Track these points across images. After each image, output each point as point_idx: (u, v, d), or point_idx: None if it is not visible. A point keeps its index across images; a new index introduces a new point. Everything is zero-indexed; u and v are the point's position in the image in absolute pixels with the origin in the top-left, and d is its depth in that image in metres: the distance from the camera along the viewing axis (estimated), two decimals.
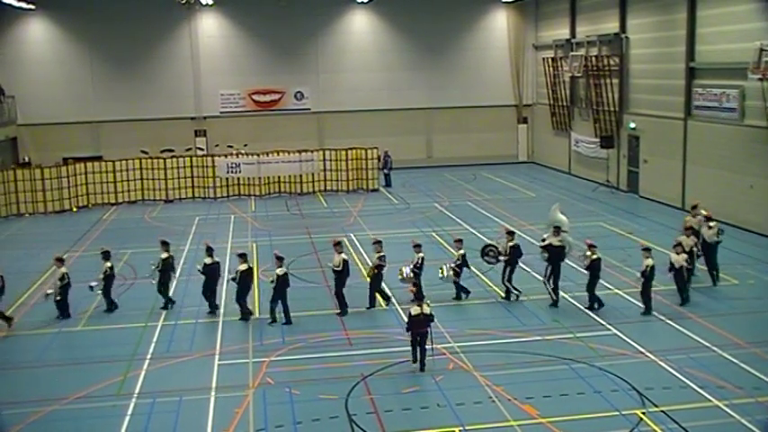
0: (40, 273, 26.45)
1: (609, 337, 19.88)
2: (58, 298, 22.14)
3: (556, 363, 18.36)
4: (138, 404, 16.79)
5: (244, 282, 21.90)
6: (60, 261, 22.61)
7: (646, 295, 21.59)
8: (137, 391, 17.49)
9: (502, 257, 23.09)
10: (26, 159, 46.22)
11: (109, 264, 22.84)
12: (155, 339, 20.75)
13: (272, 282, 21.46)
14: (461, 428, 15.22)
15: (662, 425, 15.11)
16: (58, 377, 18.53)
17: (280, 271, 21.45)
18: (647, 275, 21.36)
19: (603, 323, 20.87)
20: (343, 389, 17.10)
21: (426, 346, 18.08)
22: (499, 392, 16.68)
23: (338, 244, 22.48)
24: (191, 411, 16.36)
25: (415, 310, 17.97)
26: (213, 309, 22.62)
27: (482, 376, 17.56)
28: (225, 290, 23.29)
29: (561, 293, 22.65)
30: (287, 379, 17.82)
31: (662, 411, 15.65)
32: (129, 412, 16.39)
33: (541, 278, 23.12)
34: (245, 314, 22.01)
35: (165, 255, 23.25)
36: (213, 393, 17.22)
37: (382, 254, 22.55)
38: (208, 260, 22.65)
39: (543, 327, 20.81)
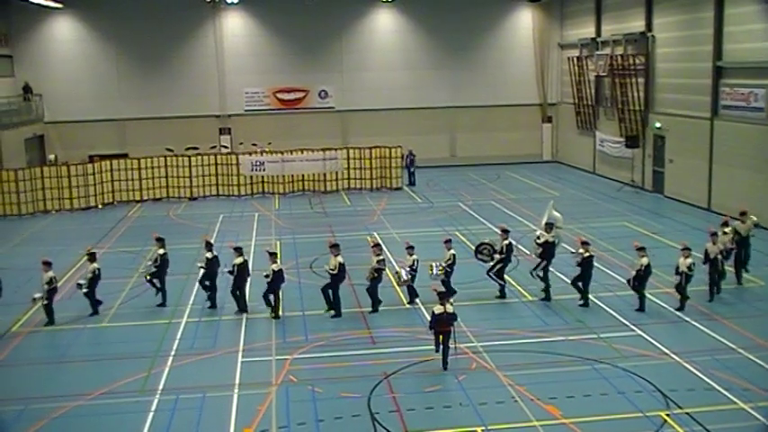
0: (66, 269, 26.63)
1: (633, 338, 19.76)
2: (45, 302, 21.92)
3: (579, 363, 18.28)
4: (162, 400, 16.88)
5: (240, 275, 22.27)
6: (47, 265, 22.21)
7: (639, 293, 21.76)
8: (160, 387, 17.58)
9: (496, 255, 23.16)
10: (51, 160, 46.50)
11: (96, 265, 22.65)
12: (179, 336, 20.86)
13: (267, 276, 21.77)
14: (484, 428, 15.18)
15: (686, 427, 15.00)
16: (82, 373, 18.66)
17: (275, 267, 21.79)
18: (641, 274, 21.51)
19: (627, 324, 20.75)
20: (365, 387, 17.10)
21: (450, 345, 18.09)
22: (522, 392, 16.62)
23: (335, 246, 22.35)
24: (214, 408, 16.43)
25: (438, 308, 17.95)
26: (212, 302, 22.93)
27: (505, 376, 17.52)
28: (249, 288, 23.32)
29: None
30: (310, 377, 17.85)
31: (686, 413, 15.52)
32: (153, 408, 16.48)
33: (535, 272, 23.27)
34: (242, 308, 22.39)
35: (161, 251, 23.36)
36: (236, 390, 17.27)
37: (381, 257, 22.52)
38: (209, 255, 22.94)
39: (566, 327, 20.73)
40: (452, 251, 22.79)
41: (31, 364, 19.39)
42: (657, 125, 39.53)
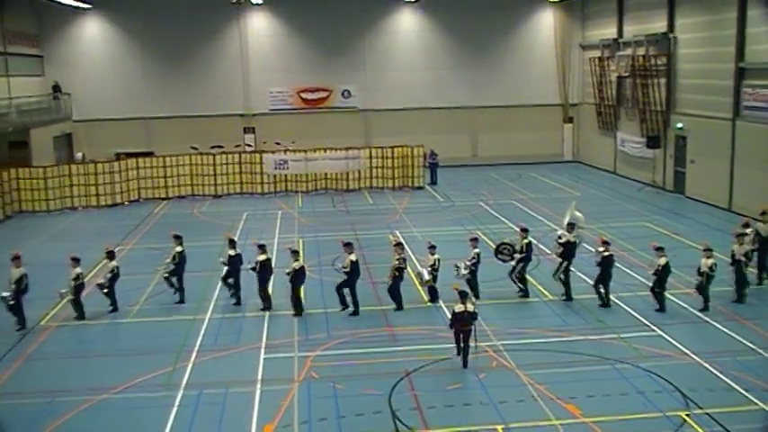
0: (92, 265, 26.75)
1: (653, 338, 19.63)
2: (72, 297, 22.09)
3: (599, 363, 18.18)
4: (186, 395, 16.94)
5: (263, 272, 22.32)
6: (75, 261, 22.31)
7: (659, 293, 21.63)
8: (184, 382, 17.66)
9: (516, 255, 23.06)
10: (79, 157, 46.71)
11: (115, 263, 22.82)
12: (202, 332, 20.94)
13: (289, 274, 21.84)
14: (504, 426, 15.13)
15: (706, 427, 14.89)
16: (108, 367, 18.79)
17: (296, 264, 21.83)
18: (660, 274, 21.41)
19: (648, 324, 20.61)
20: (386, 384, 17.09)
21: (470, 344, 18.04)
22: (542, 391, 16.56)
23: (348, 245, 22.40)
24: (237, 403, 16.48)
25: (458, 307, 17.89)
26: (237, 299, 22.99)
27: (525, 375, 17.46)
28: (272, 284, 23.33)
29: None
30: (331, 373, 17.86)
31: (706, 413, 15.41)
32: (177, 403, 16.55)
33: (557, 275, 23.07)
34: (267, 305, 22.41)
35: (179, 248, 23.42)
36: (259, 386, 17.32)
37: (402, 256, 22.41)
38: (231, 252, 22.97)
39: (587, 326, 20.62)
40: (477, 250, 22.74)
41: (58, 358, 19.54)
42: (679, 126, 39.23)
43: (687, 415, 15.41)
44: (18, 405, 16.65)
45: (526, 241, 23.07)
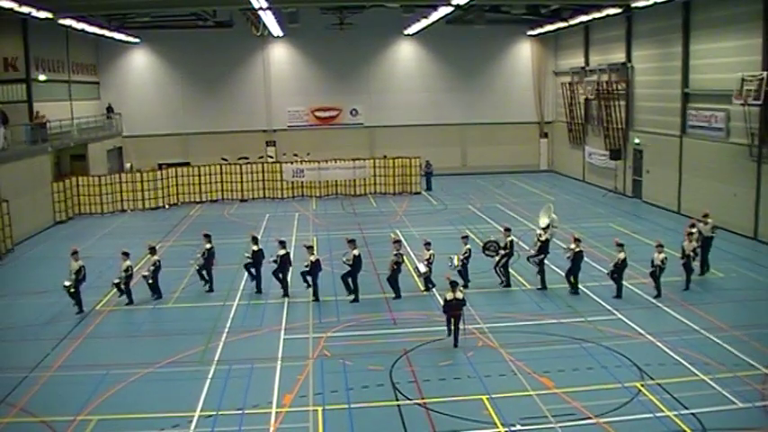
0: (139, 258, 26.81)
1: (615, 321, 19.69)
2: (123, 286, 22.27)
3: (569, 342, 18.23)
4: (218, 369, 17.01)
5: (283, 264, 22.34)
6: (126, 255, 22.44)
7: (618, 282, 21.68)
8: (216, 358, 17.72)
9: (501, 251, 23.07)
10: (128, 167, 46.78)
11: (156, 257, 22.85)
12: (231, 316, 21.00)
13: (307, 266, 21.88)
14: (488, 397, 15.18)
15: (657, 395, 14.98)
16: (152, 345, 18.89)
17: (313, 258, 21.92)
18: (619, 266, 21.49)
19: (610, 309, 20.68)
20: (388, 361, 17.14)
21: (460, 326, 18.09)
22: (521, 367, 16.62)
23: (351, 242, 22.39)
24: (261, 377, 16.54)
25: (449, 295, 17.95)
26: (258, 288, 22.98)
27: (506, 353, 17.50)
28: (290, 276, 23.37)
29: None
30: (341, 352, 17.90)
31: (657, 384, 15.50)
32: (210, 376, 16.62)
33: (531, 260, 23.17)
34: (285, 293, 22.40)
35: (208, 245, 23.44)
36: (279, 362, 17.37)
37: (400, 251, 22.37)
38: (254, 247, 23.04)
39: (559, 311, 20.66)
40: (468, 246, 22.80)
41: (111, 337, 19.66)
42: (636, 141, 39.29)
43: (642, 385, 15.49)
44: (79, 376, 16.78)
45: (509, 239, 23.12)
